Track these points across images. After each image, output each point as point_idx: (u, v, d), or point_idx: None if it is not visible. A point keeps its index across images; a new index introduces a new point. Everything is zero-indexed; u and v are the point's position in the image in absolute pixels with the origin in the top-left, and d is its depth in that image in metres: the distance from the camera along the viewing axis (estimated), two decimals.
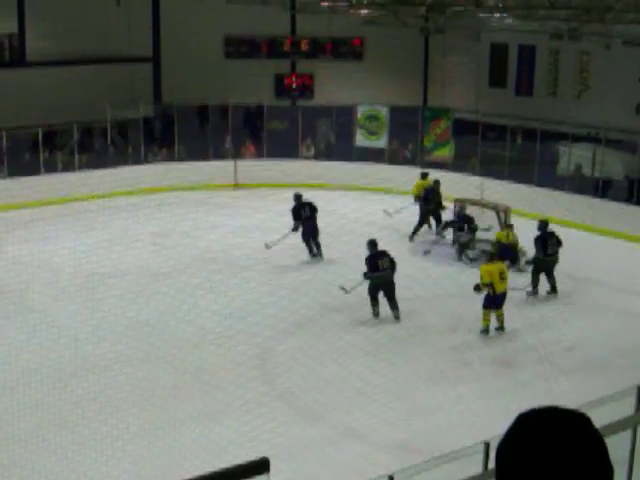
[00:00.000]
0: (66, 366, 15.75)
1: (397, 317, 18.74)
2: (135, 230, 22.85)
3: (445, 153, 30.25)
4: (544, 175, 27.97)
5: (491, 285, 17.94)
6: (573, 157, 28.15)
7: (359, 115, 31.59)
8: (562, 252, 20.76)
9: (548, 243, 20.51)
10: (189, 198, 24.59)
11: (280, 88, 35.00)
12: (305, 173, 29.69)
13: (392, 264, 18.86)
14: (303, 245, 22.73)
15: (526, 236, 21.99)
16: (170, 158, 30.71)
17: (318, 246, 22.83)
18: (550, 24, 27.38)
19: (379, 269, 18.72)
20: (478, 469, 8.78)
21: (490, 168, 28.23)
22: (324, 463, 12.88)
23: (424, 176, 26.22)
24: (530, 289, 20.33)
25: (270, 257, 22.28)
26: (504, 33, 31.51)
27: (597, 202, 26.41)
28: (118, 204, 25.26)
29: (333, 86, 33.70)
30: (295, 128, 32.55)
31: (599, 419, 2.22)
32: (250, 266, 21.87)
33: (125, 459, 12.75)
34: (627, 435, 9.86)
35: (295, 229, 22.45)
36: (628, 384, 10.45)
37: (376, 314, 18.88)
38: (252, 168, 30.12)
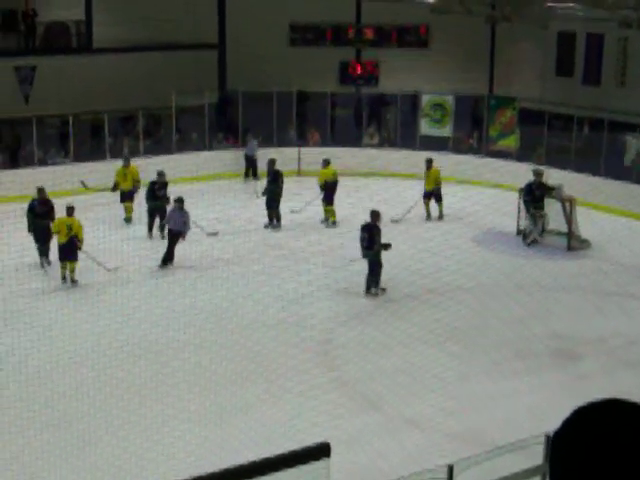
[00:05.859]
0: (133, 348, 15.93)
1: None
2: (197, 216, 22.93)
3: (510, 143, 30.00)
4: (611, 166, 27.63)
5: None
6: None
7: (424, 103, 31.44)
8: (624, 245, 20.53)
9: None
10: (253, 184, 24.64)
11: (345, 76, 34.96)
12: (369, 161, 29.65)
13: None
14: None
15: (591, 227, 21.77)
16: (235, 145, 30.84)
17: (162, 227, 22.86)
18: (619, 12, 27.01)
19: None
20: (538, 461, 8.73)
21: (556, 158, 27.93)
22: (382, 452, 12.88)
23: (429, 164, 25.50)
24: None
25: (338, 246, 22.29)
26: (572, 21, 31.14)
27: None
28: (181, 190, 25.27)
29: (398, 74, 33.60)
30: (359, 116, 32.50)
31: None
32: (314, 254, 21.89)
33: (189, 442, 12.87)
34: None
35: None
36: None
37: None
38: (316, 156, 30.07)
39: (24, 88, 29.89)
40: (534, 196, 23.05)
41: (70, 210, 20.26)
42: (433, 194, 25.28)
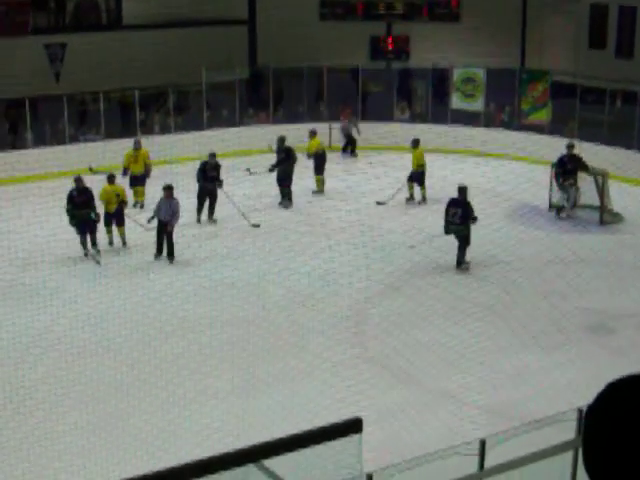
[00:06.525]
0: (163, 325, 16.00)
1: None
2: (228, 192, 22.95)
3: (542, 116, 29.78)
4: None
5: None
6: None
7: (455, 77, 31.23)
8: None
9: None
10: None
11: (375, 50, 34.79)
12: (400, 136, 29.48)
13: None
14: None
15: (624, 200, 21.59)
16: (265, 121, 30.79)
17: (211, 211, 22.64)
18: None
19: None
20: (571, 435, 8.68)
21: (588, 132, 27.69)
22: (416, 426, 12.87)
23: (415, 143, 24.54)
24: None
25: (363, 220, 22.25)
26: None
27: None
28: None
29: (429, 48, 33.38)
30: (390, 90, 32.34)
31: None
32: (343, 229, 21.85)
33: (218, 418, 12.92)
34: None
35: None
36: None
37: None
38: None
39: (55, 66, 29.94)
40: (566, 169, 22.92)
41: (112, 178, 20.38)
42: (415, 176, 24.36)
